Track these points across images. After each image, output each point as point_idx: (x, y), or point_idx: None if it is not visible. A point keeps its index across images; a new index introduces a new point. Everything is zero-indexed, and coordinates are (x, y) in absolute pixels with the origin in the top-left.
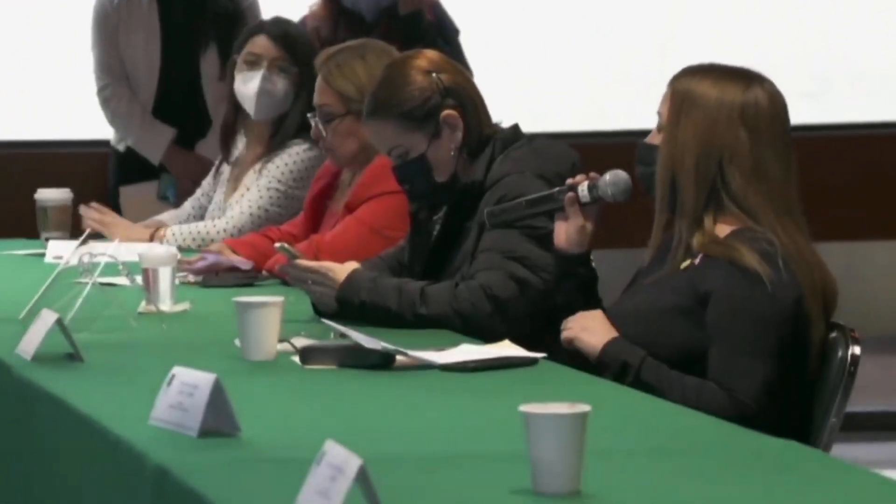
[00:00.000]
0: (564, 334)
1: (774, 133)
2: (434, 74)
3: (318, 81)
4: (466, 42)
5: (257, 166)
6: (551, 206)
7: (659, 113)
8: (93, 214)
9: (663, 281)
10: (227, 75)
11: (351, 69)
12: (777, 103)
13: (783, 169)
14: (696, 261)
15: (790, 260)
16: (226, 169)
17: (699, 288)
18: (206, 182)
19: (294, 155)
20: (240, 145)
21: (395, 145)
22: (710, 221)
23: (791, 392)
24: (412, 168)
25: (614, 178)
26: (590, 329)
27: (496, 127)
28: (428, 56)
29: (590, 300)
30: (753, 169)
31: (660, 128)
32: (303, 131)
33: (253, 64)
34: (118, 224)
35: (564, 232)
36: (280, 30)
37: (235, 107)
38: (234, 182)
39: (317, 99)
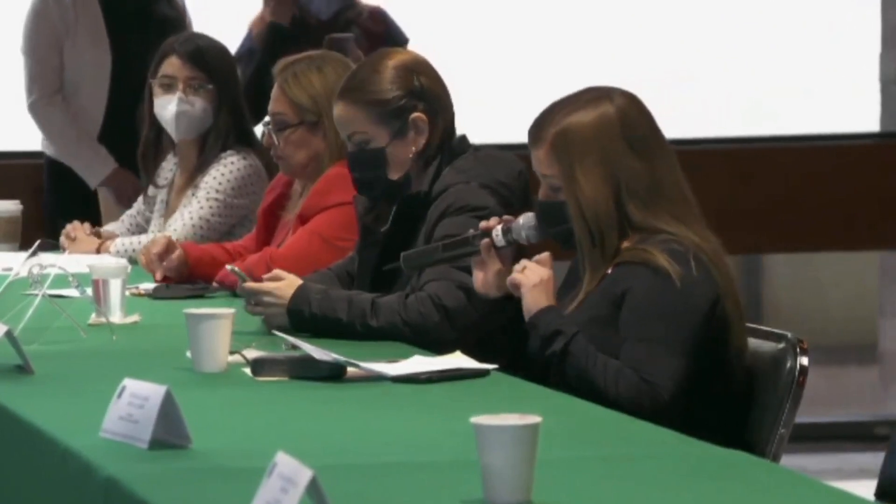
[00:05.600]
0: (516, 277)
1: (653, 134)
2: (415, 75)
3: (275, 89)
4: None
5: (193, 184)
6: (467, 251)
7: (544, 175)
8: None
9: (580, 300)
10: (145, 99)
11: (307, 79)
12: (639, 105)
13: (671, 172)
14: (609, 270)
15: (709, 262)
16: (157, 193)
17: (616, 292)
18: (140, 202)
19: (229, 165)
20: (169, 166)
21: (358, 131)
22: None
23: (708, 390)
24: (368, 157)
25: (528, 221)
26: (539, 288)
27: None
28: (415, 56)
29: (522, 322)
30: (649, 187)
31: (553, 187)
32: (233, 144)
33: (168, 87)
34: (81, 240)
35: (482, 278)
36: (191, 48)
37: (157, 129)
38: (171, 206)
39: (271, 106)
